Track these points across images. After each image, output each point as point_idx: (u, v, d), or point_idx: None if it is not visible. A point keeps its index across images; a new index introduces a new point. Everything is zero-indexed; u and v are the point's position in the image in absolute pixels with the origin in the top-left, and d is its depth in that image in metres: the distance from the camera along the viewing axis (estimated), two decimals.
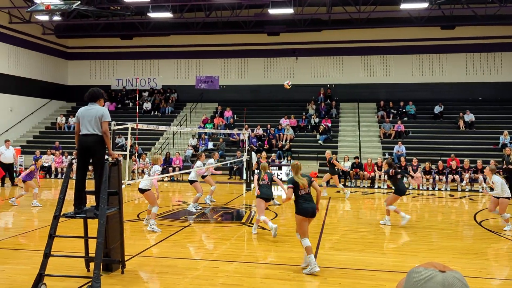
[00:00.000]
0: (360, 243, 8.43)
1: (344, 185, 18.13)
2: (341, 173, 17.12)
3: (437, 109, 24.82)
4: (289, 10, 21.76)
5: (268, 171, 9.50)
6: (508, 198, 9.79)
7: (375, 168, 18.04)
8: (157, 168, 9.50)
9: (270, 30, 26.25)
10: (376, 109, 26.40)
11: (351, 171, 18.24)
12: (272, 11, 21.97)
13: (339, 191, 15.45)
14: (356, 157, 18.73)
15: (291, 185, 6.71)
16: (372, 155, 20.60)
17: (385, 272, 6.55)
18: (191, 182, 11.92)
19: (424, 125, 24.42)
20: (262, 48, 28.44)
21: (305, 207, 6.65)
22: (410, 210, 13.05)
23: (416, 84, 26.80)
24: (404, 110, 25.34)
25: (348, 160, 18.85)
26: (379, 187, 17.66)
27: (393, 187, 10.42)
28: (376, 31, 26.42)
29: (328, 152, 15.25)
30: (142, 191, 9.16)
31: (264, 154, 16.17)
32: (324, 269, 6.65)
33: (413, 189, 17.03)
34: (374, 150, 22.58)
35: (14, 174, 17.89)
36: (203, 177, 12.64)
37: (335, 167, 14.94)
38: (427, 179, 17.38)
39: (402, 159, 18.15)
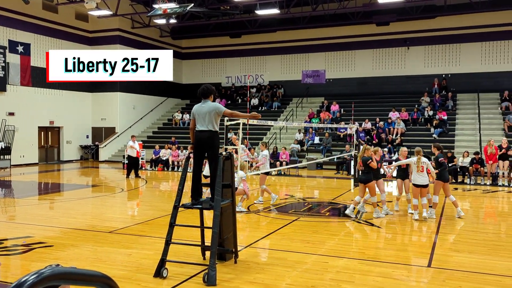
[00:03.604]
0: (482, 245, 7.77)
1: (463, 182, 16.89)
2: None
3: None
4: None
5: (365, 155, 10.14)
6: None
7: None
8: None
9: (379, 20, 25.31)
10: (499, 99, 24.11)
11: (471, 168, 16.89)
12: (382, 0, 21.11)
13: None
14: (476, 153, 17.29)
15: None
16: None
17: None
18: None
19: None
20: (370, 39, 27.53)
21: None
22: None
23: None
24: None
25: (467, 155, 17.48)
26: (502, 185, 16.13)
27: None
28: (499, 14, 24.08)
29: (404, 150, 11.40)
30: None
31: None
32: (441, 271, 6.26)
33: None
34: (497, 144, 20.62)
35: (140, 167, 19.46)
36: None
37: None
38: None
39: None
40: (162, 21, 24.59)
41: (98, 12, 23.46)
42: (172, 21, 24.48)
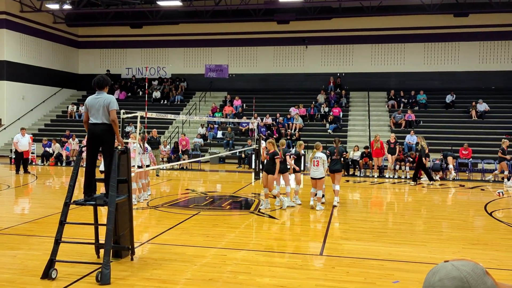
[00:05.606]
0: (368, 232, 8.41)
1: (354, 174, 18.10)
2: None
3: (449, 98, 24.56)
4: None
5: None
6: None
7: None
8: None
9: (280, 18, 26.06)
10: (386, 98, 26.20)
11: (361, 161, 18.16)
12: None
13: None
14: (366, 147, 18.63)
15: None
16: None
17: (393, 262, 6.53)
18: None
19: (435, 115, 24.20)
20: (272, 36, 28.27)
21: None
22: (419, 199, 12.98)
23: (427, 73, 26.53)
24: (415, 99, 25.11)
25: (358, 150, 18.75)
26: (389, 177, 17.58)
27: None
28: (387, 19, 26.13)
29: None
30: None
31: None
32: (332, 258, 6.67)
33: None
34: (384, 139, 22.40)
35: (29, 161, 18.04)
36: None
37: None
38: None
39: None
40: (55, 6, 22.96)
41: None
42: (67, 7, 22.98)
